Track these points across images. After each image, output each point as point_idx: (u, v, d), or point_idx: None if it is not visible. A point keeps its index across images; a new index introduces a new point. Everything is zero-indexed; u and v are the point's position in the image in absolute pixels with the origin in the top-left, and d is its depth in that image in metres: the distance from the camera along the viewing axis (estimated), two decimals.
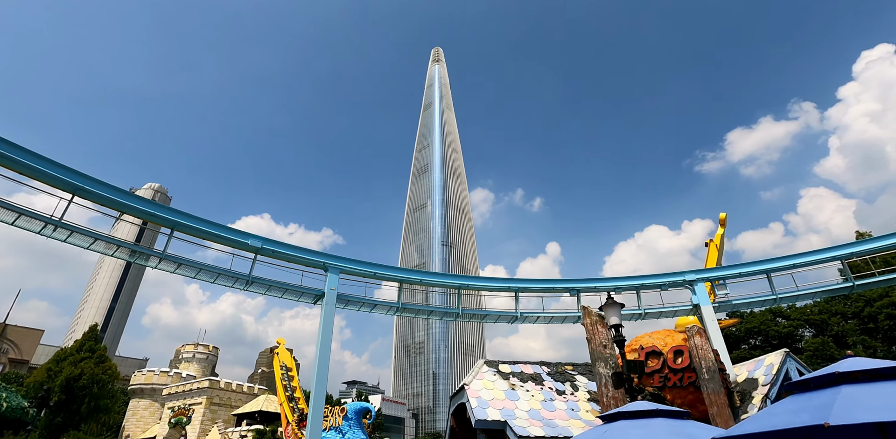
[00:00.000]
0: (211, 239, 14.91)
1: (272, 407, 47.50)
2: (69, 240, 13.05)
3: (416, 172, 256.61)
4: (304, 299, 16.58)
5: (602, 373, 13.09)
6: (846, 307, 30.70)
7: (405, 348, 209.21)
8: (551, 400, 14.81)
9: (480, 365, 15.69)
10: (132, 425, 55.99)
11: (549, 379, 16.01)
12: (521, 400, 14.42)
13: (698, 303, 19.19)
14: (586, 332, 14.00)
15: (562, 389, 15.51)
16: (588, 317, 14.13)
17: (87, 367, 51.50)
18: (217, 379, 51.48)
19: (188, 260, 14.60)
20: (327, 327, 15.33)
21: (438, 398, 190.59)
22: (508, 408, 13.87)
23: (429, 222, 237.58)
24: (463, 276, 18.41)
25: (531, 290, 19.34)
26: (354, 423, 28.85)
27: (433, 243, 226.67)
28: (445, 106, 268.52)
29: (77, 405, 50.28)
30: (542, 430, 12.67)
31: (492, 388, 14.69)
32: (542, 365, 16.80)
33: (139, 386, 57.30)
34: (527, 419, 13.38)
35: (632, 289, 19.90)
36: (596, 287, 19.66)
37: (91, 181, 12.93)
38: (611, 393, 12.77)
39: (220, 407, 50.62)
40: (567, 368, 16.97)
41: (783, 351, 17.39)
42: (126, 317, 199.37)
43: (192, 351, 63.91)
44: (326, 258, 16.42)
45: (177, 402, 52.32)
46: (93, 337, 53.69)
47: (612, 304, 10.91)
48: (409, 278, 17.69)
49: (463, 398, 14.62)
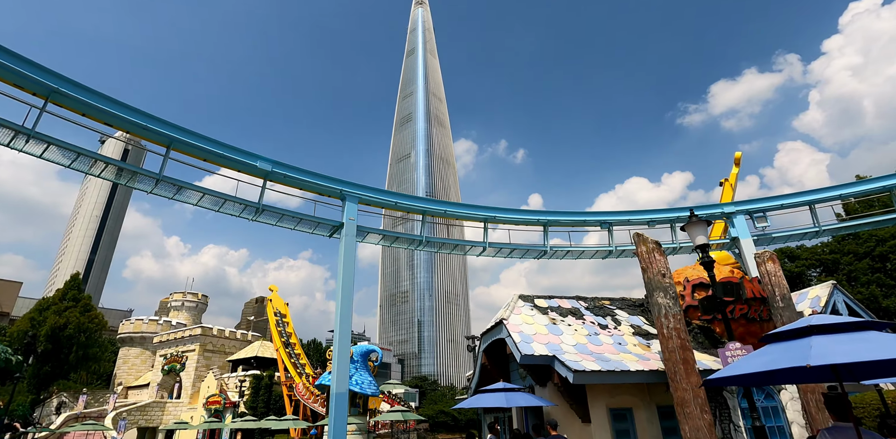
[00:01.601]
0: (213, 160, 12.92)
1: (268, 353, 47.03)
2: (46, 155, 10.99)
3: (399, 121, 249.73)
4: (319, 231, 14.91)
5: (661, 304, 11.91)
6: (858, 246, 30.34)
7: (390, 297, 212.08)
8: (596, 334, 13.76)
9: (515, 300, 14.47)
10: (124, 373, 55.38)
11: (589, 313, 14.94)
12: (565, 335, 13.33)
13: (737, 236, 18.09)
14: (641, 262, 12.72)
15: (604, 323, 14.46)
16: (643, 244, 12.80)
17: (73, 316, 49.98)
18: (209, 327, 50.54)
19: (189, 183, 12.67)
20: (349, 260, 13.79)
21: (423, 344, 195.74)
22: (554, 343, 12.77)
23: (413, 173, 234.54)
24: (490, 207, 16.84)
25: (561, 224, 17.95)
26: (361, 365, 28.18)
27: (417, 194, 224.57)
28: (429, 52, 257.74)
29: (65, 354, 49.17)
30: (597, 364, 11.61)
31: (532, 323, 13.53)
32: (579, 300, 15.69)
33: (128, 335, 56.23)
34: (575, 353, 12.30)
35: (666, 222, 18.66)
36: (629, 220, 18.35)
37: (69, 83, 10.71)
38: (672, 324, 11.65)
39: (214, 354, 50.02)
40: (605, 302, 15.91)
41: (830, 283, 16.54)
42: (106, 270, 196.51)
43: (181, 299, 62.53)
44: (344, 185, 14.63)
45: (169, 350, 51.53)
46: (75, 286, 51.81)
47: (698, 223, 9.50)
48: (432, 209, 16.07)
49: (500, 334, 13.46)
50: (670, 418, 12.72)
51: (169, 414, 46.16)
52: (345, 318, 13.07)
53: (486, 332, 14.57)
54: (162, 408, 46.32)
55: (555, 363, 11.85)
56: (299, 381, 38.84)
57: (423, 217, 16.33)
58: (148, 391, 51.00)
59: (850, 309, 16.02)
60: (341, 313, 13.05)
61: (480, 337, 15.01)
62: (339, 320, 13.00)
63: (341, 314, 13.04)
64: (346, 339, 12.93)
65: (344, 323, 13.03)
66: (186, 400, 47.17)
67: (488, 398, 11.16)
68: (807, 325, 4.65)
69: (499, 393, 11.30)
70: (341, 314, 13.04)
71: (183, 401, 47.23)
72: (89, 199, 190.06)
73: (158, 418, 45.64)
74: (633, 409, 12.46)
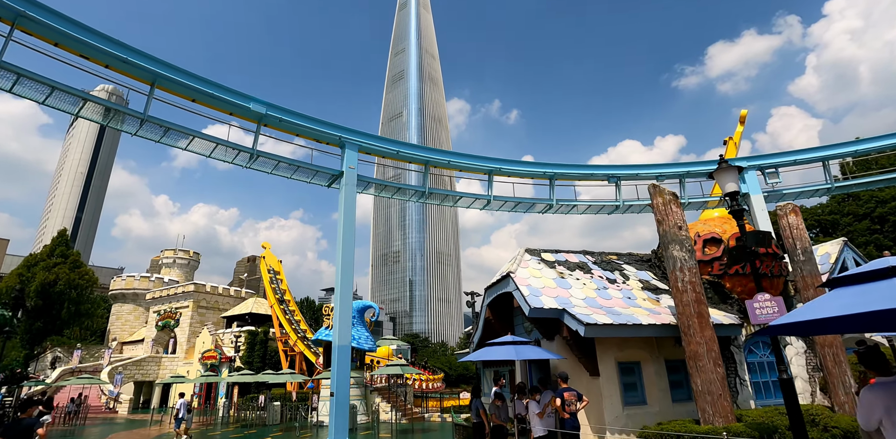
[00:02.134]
0: (202, 100, 11.93)
1: (262, 310, 47.11)
2: (16, 89, 9.97)
3: (391, 79, 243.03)
4: (317, 180, 14.14)
5: (677, 257, 11.49)
6: (858, 207, 30.16)
7: (382, 257, 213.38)
8: (604, 288, 13.41)
9: (522, 254, 14.00)
10: (117, 329, 55.48)
11: (597, 267, 14.56)
12: (573, 289, 12.96)
13: (747, 191, 17.59)
14: (657, 214, 12.21)
15: (612, 278, 14.11)
16: (660, 196, 12.24)
17: (62, 273, 49.34)
18: (202, 283, 50.30)
19: (178, 124, 11.74)
20: (349, 211, 13.12)
21: (415, 303, 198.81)
22: (563, 297, 12.40)
23: (405, 132, 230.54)
24: (495, 159, 16.09)
25: (568, 177, 17.30)
26: (358, 321, 28.11)
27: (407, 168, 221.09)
28: (422, 6, 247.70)
29: (56, 310, 48.90)
30: (608, 318, 11.28)
31: (540, 276, 13.12)
32: (586, 254, 15.28)
33: (120, 292, 55.95)
34: (585, 307, 11.96)
35: (675, 176, 18.07)
36: (637, 174, 17.73)
37: (37, 7, 9.56)
38: (687, 278, 11.27)
39: (208, 310, 50.03)
40: (612, 257, 15.53)
41: (841, 240, 16.23)
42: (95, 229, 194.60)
43: (172, 256, 62.00)
44: (343, 132, 13.74)
45: (162, 306, 51.45)
46: (63, 243, 50.90)
47: (728, 169, 8.88)
48: (436, 159, 15.29)
49: (506, 287, 13.06)
50: (677, 372, 12.60)
51: (165, 368, 46.58)
52: (346, 271, 12.55)
53: (490, 286, 14.18)
54: (158, 363, 46.69)
55: (564, 316, 11.51)
56: (294, 338, 39.05)
57: (425, 167, 15.57)
58: (143, 346, 51.28)
59: (858, 265, 15.78)
60: (342, 265, 12.51)
61: (484, 291, 14.63)
62: (340, 273, 12.48)
63: (342, 266, 12.51)
64: (347, 292, 12.46)
65: (345, 275, 12.52)
66: (182, 355, 47.53)
67: (497, 351, 10.86)
68: (889, 266, 4.12)
69: (508, 346, 10.99)
70: (342, 266, 12.51)
71: (178, 356, 47.60)
72: (73, 156, 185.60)
73: (155, 372, 46.07)
74: (640, 363, 12.28)
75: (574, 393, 10.37)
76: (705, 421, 10.23)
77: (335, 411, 11.19)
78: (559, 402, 10.06)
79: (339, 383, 11.50)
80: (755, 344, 13.46)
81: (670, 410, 11.83)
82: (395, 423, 22.81)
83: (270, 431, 22.58)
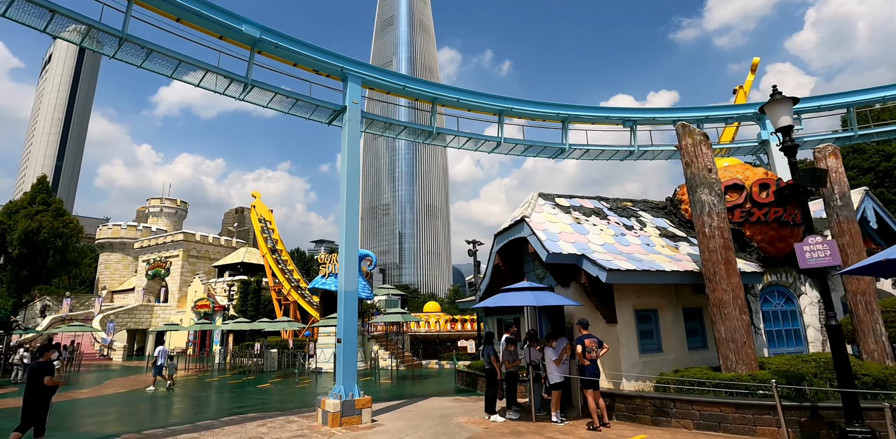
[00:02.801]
0: (188, 20, 10.56)
1: (254, 259, 46.63)
2: None
3: (380, 25, 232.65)
4: (316, 116, 13.03)
5: (705, 201, 10.84)
6: (863, 161, 29.68)
7: (371, 209, 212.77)
8: (622, 234, 12.83)
9: (535, 198, 13.27)
10: (106, 278, 54.92)
11: (613, 214, 13.93)
12: (591, 234, 12.36)
13: (767, 138, 16.80)
14: (685, 156, 11.43)
15: (629, 224, 13.51)
16: (689, 136, 11.43)
17: (45, 221, 48.00)
18: (192, 232, 49.39)
19: (161, 46, 10.46)
20: (353, 151, 12.16)
21: (404, 255, 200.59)
22: (581, 242, 11.81)
23: None
24: (507, 98, 15.04)
25: (582, 120, 16.33)
26: None
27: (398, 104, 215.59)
28: None
29: (41, 259, 47.99)
30: (630, 264, 10.75)
31: (555, 221, 12.46)
32: (601, 200, 14.61)
33: (107, 240, 54.92)
34: (604, 253, 11.40)
35: (695, 121, 17.16)
36: (654, 118, 16.79)
37: None
38: (715, 223, 10.68)
39: (199, 260, 49.46)
40: (627, 204, 14.89)
41: (863, 189, 15.67)
42: (76, 178, 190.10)
43: (159, 205, 60.56)
44: (346, 62, 12.50)
45: (151, 255, 50.73)
46: (44, 189, 49.21)
47: (782, 101, 8.03)
48: (444, 97, 14.17)
49: (520, 232, 12.41)
50: (692, 319, 12.30)
51: (157, 316, 46.51)
52: (351, 213, 11.76)
53: (501, 232, 13.53)
54: (150, 311, 46.54)
55: (583, 262, 10.95)
56: (288, 287, 38.81)
57: (432, 106, 14.47)
58: (134, 295, 50.97)
59: (878, 216, 15.36)
60: (347, 208, 11.71)
61: (493, 237, 14.00)
62: (344, 215, 11.69)
63: (347, 209, 11.71)
64: (353, 235, 11.72)
65: (350, 218, 11.74)
66: (174, 304, 47.36)
67: (514, 297, 10.35)
68: None
69: (526, 292, 10.47)
70: (347, 209, 11.71)
71: (171, 305, 47.44)
72: (48, 101, 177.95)
73: (147, 320, 46.01)
74: (658, 311, 11.91)
75: (595, 339, 9.99)
76: (727, 368, 9.96)
77: (343, 358, 10.74)
78: (580, 349, 9.68)
79: (347, 329, 11.00)
80: (770, 292, 13.14)
81: (686, 358, 11.59)
82: (395, 370, 22.89)
83: (269, 377, 22.57)
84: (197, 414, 12.82)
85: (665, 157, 17.60)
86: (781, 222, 12.94)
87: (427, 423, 10.55)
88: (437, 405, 13.19)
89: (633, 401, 10.09)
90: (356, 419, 10.43)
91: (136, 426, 11.21)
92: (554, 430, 9.55)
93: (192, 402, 15.28)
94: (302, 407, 13.29)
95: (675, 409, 9.45)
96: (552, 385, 10.39)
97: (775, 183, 12.98)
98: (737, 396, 9.06)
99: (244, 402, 14.85)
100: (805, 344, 12.92)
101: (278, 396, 16.39)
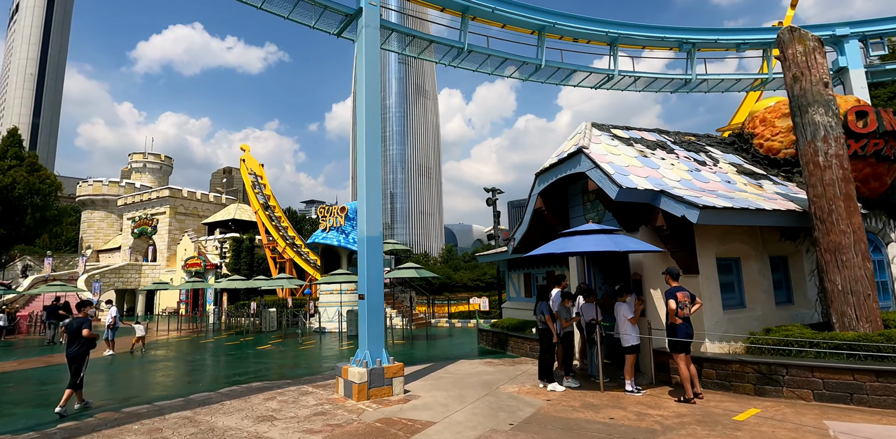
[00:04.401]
0: None
1: (246, 216, 44.27)
2: None
3: None
4: (322, 24, 10.45)
5: (820, 123, 8.67)
6: None
7: None
8: (697, 170, 10.71)
9: (588, 128, 10.99)
10: (90, 237, 52.42)
11: (679, 148, 11.75)
12: (662, 169, 10.23)
13: (846, 65, 14.47)
14: (791, 67, 9.13)
15: (700, 160, 11.37)
16: (799, 42, 9.09)
17: (19, 176, 44.86)
18: (178, 188, 46.63)
19: None
20: (372, 64, 9.71)
21: (396, 215, 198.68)
22: (654, 177, 9.69)
23: None
24: (550, 12, 12.51)
25: (633, 41, 13.87)
26: (354, 223, 25.57)
27: (389, 60, 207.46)
28: None
29: (19, 217, 45.22)
30: (723, 201, 8.68)
31: (619, 154, 10.28)
32: (661, 133, 12.39)
33: (88, 198, 52.01)
34: (685, 189, 9.30)
35: (759, 45, 14.72)
36: (717, 41, 14.29)
37: None
38: (832, 150, 8.56)
39: (188, 217, 46.98)
40: (690, 138, 12.70)
41: None
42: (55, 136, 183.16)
43: (142, 161, 57.15)
44: None
45: (136, 213, 48.11)
46: (16, 143, 45.76)
47: None
48: (479, 6, 11.58)
49: (574, 167, 10.22)
50: (777, 270, 10.41)
51: (146, 276, 44.49)
52: (372, 140, 9.47)
53: (545, 170, 11.33)
54: (138, 271, 44.46)
55: (661, 200, 8.86)
56: (283, 244, 36.74)
57: (462, 16, 11.88)
58: (120, 254, 48.72)
59: None
60: (367, 133, 9.41)
61: (535, 177, 11.83)
62: (364, 141, 9.41)
63: (367, 134, 9.41)
64: (375, 165, 9.49)
65: (371, 145, 9.46)
66: (163, 262, 45.26)
67: (584, 241, 8.25)
68: None
69: (599, 235, 8.38)
70: (367, 134, 9.41)
71: (159, 264, 45.35)
72: (19, 55, 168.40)
73: (136, 280, 44.01)
74: (740, 259, 9.96)
75: (687, 293, 8.03)
76: (843, 326, 8.12)
77: (367, 317, 8.76)
78: (673, 304, 7.72)
79: (371, 283, 8.97)
80: None
81: (773, 314, 9.77)
82: (408, 329, 21.20)
83: (269, 338, 20.83)
84: (190, 383, 10.93)
85: (722, 89, 15.29)
86: (881, 157, 10.84)
87: (472, 394, 8.71)
88: (470, 369, 11.41)
89: (728, 367, 8.26)
90: (386, 390, 8.55)
91: (115, 400, 9.29)
92: (635, 402, 7.73)
93: (185, 369, 13.40)
94: (314, 374, 11.45)
95: (787, 377, 7.63)
96: (627, 347, 8.52)
97: (874, 111, 10.77)
98: (868, 361, 7.24)
99: (245, 368, 13.00)
100: (893, 298, 11.18)
101: (283, 360, 14.59)
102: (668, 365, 9.08)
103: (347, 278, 20.03)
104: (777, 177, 11.46)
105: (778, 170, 11.73)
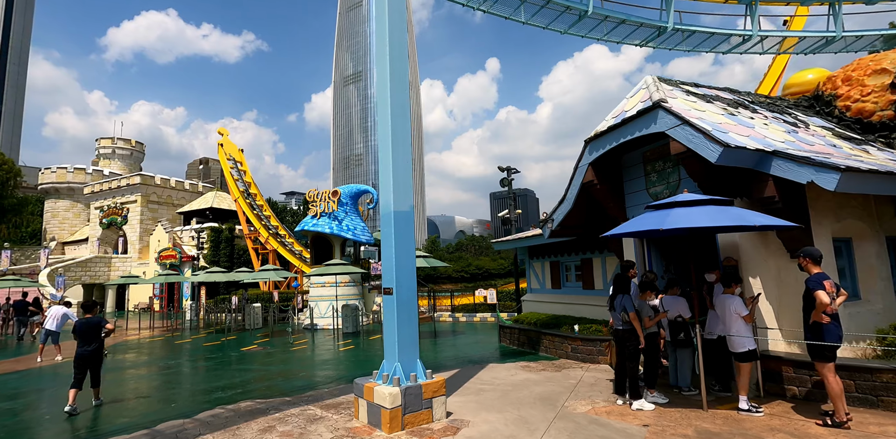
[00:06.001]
0: None
1: (225, 205, 41.42)
2: None
3: None
4: None
5: None
6: None
7: (343, 160, 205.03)
8: (794, 131, 8.72)
9: (655, 82, 8.90)
10: (54, 227, 48.85)
11: (760, 107, 9.77)
12: (757, 128, 8.21)
13: None
14: None
15: (790, 121, 9.41)
16: None
17: None
18: (150, 175, 43.42)
19: None
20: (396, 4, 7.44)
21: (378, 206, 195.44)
22: (756, 136, 7.66)
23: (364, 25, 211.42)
24: None
25: None
26: (351, 209, 23.24)
27: (370, 49, 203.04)
28: None
29: None
30: (858, 164, 6.71)
31: (703, 110, 8.23)
32: (733, 92, 10.40)
33: (51, 185, 48.34)
34: (795, 151, 7.28)
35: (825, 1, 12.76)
36: None
37: None
38: None
39: (161, 206, 43.85)
40: (765, 99, 10.73)
41: None
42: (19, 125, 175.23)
43: (111, 146, 53.36)
44: None
45: (105, 202, 44.78)
46: None
47: None
48: None
49: (649, 127, 8.16)
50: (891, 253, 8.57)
51: (117, 269, 41.39)
52: (398, 82, 7.27)
53: (602, 134, 9.24)
54: (107, 264, 41.33)
55: (771, 164, 6.89)
56: (266, 234, 34.16)
57: None
58: (88, 246, 45.39)
59: None
60: (392, 73, 7.20)
61: (585, 144, 9.74)
62: (389, 87, 7.21)
63: (392, 75, 7.20)
64: (403, 120, 7.31)
65: (397, 91, 7.28)
66: (135, 255, 42.18)
67: (691, 214, 6.14)
68: None
69: (707, 207, 6.29)
70: (392, 75, 7.20)
71: (131, 256, 42.26)
72: None
73: (105, 274, 40.90)
74: (852, 240, 8.08)
75: (832, 282, 6.03)
76: None
77: (398, 317, 6.61)
78: (826, 298, 5.69)
79: (402, 273, 6.82)
80: None
81: (894, 308, 7.91)
82: None
83: (254, 337, 18.50)
84: (160, 401, 8.61)
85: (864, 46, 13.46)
86: None
87: (536, 416, 6.64)
88: (509, 377, 9.34)
89: (877, 377, 6.33)
90: (425, 415, 6.41)
91: (51, 433, 6.97)
92: (767, 428, 5.74)
93: (154, 380, 11.03)
94: (317, 388, 9.26)
95: None
96: (740, 353, 6.52)
97: None
98: None
99: (229, 378, 10.71)
100: None
101: (273, 365, 12.32)
102: (779, 374, 7.14)
103: (343, 269, 17.77)
104: (876, 144, 9.57)
105: (874, 135, 9.83)
